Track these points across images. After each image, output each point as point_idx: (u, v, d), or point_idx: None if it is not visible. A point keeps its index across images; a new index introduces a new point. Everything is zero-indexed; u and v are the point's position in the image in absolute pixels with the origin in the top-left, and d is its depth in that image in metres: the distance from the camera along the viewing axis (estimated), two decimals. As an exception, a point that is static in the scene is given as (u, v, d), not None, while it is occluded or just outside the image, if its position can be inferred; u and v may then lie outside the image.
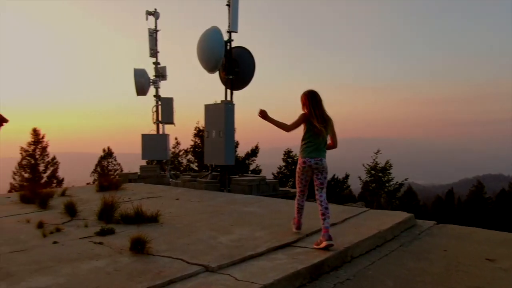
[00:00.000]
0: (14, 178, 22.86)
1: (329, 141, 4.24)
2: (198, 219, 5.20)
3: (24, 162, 23.75)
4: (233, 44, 9.60)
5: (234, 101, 9.62)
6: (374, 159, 21.84)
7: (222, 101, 9.62)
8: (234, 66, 9.59)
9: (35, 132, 25.11)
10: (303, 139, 4.14)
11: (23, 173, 23.39)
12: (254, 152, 22.08)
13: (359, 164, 22.93)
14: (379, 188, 21.88)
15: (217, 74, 9.95)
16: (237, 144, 21.35)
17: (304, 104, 4.14)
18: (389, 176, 21.84)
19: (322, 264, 3.55)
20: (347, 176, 22.46)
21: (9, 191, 17.28)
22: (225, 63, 9.50)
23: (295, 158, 23.69)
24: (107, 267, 3.30)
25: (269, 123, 4.18)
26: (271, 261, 3.53)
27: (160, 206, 5.73)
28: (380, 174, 21.75)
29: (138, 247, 3.69)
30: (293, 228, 4.48)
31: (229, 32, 9.49)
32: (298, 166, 4.20)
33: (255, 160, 22.03)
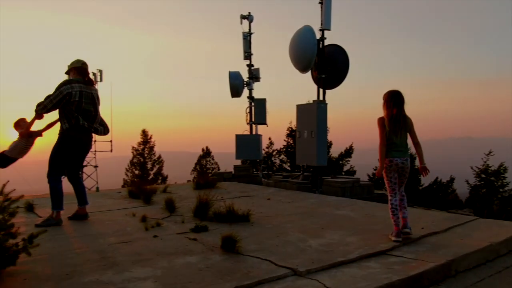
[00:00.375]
0: (126, 175, 25.47)
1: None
2: (288, 220, 5.17)
3: (135, 160, 26.31)
4: (326, 42, 9.40)
5: (327, 100, 9.42)
6: (484, 161, 19.59)
7: (314, 100, 9.47)
8: (327, 65, 9.38)
9: (144, 133, 27.67)
10: (384, 139, 4.16)
11: (134, 170, 25.92)
12: (348, 152, 21.45)
13: (466, 167, 20.79)
14: (491, 194, 19.55)
15: (309, 73, 9.85)
16: (330, 144, 20.94)
17: (383, 104, 4.22)
18: (504, 181, 19.38)
19: (421, 277, 3.24)
20: (452, 179, 20.54)
21: (122, 186, 19.26)
22: (317, 62, 9.35)
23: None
24: (199, 263, 3.43)
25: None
26: (362, 270, 3.33)
27: (252, 206, 5.83)
28: (492, 178, 19.42)
29: (229, 245, 3.78)
30: (392, 237, 4.10)
31: (322, 30, 9.30)
32: (381, 166, 4.20)
33: (349, 161, 21.38)
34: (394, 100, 4.13)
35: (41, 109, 4.90)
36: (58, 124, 5.08)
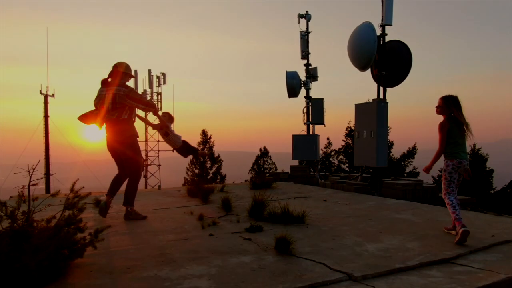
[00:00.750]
0: (187, 173, 26.40)
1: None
2: (344, 223, 5.03)
3: (195, 159, 27.15)
4: (387, 38, 9.05)
5: (388, 98, 9.06)
6: None
7: (374, 99, 9.16)
8: (388, 62, 9.02)
9: (204, 133, 28.48)
10: (449, 142, 4.32)
11: (194, 169, 26.79)
12: (411, 153, 20.46)
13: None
14: None
15: (369, 71, 9.53)
16: (391, 145, 20.12)
17: (442, 108, 4.40)
18: None
19: (490, 289, 2.99)
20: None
21: (183, 185, 19.98)
22: (377, 59, 9.02)
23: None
24: (253, 263, 3.45)
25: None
26: (423, 278, 3.14)
27: (307, 207, 5.76)
28: None
29: (282, 246, 3.75)
30: (452, 232, 4.29)
31: (383, 26, 8.97)
32: (448, 167, 4.34)
33: (411, 161, 20.39)
34: (456, 104, 4.33)
35: (153, 108, 5.54)
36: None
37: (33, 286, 2.86)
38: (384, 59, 8.98)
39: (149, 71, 22.92)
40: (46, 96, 26.41)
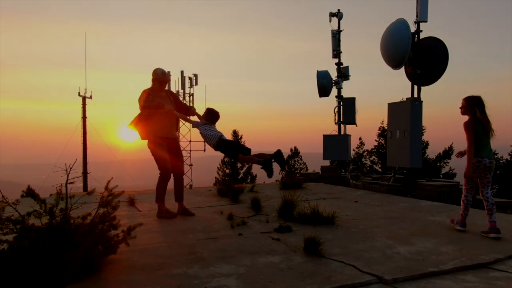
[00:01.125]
0: (218, 173, 26.67)
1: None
2: (376, 225, 4.93)
3: (226, 159, 27.40)
4: (422, 35, 8.80)
5: (422, 97, 8.81)
6: None
7: (407, 98, 8.93)
8: (423, 60, 8.76)
9: (235, 133, 28.66)
10: (474, 141, 4.43)
11: (225, 169, 27.04)
12: (447, 153, 19.78)
13: None
14: None
15: (402, 69, 9.30)
16: (425, 145, 19.52)
17: (465, 108, 4.55)
18: None
19: (530, 297, 2.85)
20: None
21: (214, 184, 20.20)
22: (411, 57, 8.79)
23: (500, 161, 20.08)
24: (281, 264, 3.44)
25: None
26: (457, 283, 3.03)
27: (337, 208, 5.69)
28: None
29: (311, 247, 3.73)
30: (457, 226, 4.63)
31: (417, 22, 8.73)
32: (470, 165, 4.45)
33: (448, 162, 19.70)
34: (479, 103, 4.49)
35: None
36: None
37: (69, 280, 2.98)
38: (419, 56, 8.74)
39: (182, 72, 23.34)
40: (84, 98, 27.47)
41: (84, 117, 27.32)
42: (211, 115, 5.88)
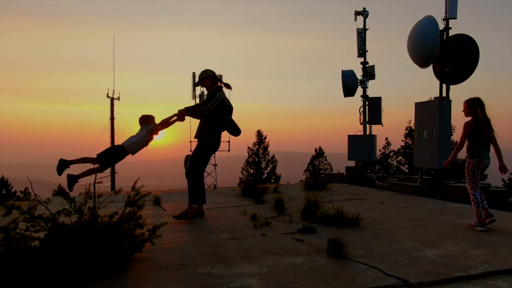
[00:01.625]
0: (242, 173, 26.79)
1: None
2: (402, 227, 4.83)
3: (250, 159, 27.51)
4: (451, 32, 8.56)
5: (451, 96, 8.57)
6: None
7: (436, 97, 8.71)
8: (452, 58, 8.52)
9: (259, 134, 28.74)
10: (473, 141, 4.75)
11: (249, 169, 27.13)
12: (478, 154, 19.15)
13: None
14: None
15: (430, 68, 9.08)
16: (455, 145, 18.98)
17: (467, 110, 4.82)
18: None
19: None
20: None
21: (238, 185, 20.30)
22: (440, 55, 8.56)
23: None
24: (304, 265, 3.43)
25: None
26: (487, 288, 2.94)
27: (362, 209, 5.61)
28: None
29: (335, 249, 3.69)
30: (477, 228, 4.65)
31: (446, 19, 8.50)
32: (470, 164, 4.78)
33: (479, 163, 19.06)
34: (478, 103, 4.74)
35: (202, 110, 5.11)
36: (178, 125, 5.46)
37: (97, 277, 3.06)
38: (448, 54, 8.50)
39: (206, 73, 23.59)
40: (112, 99, 28.17)
41: (112, 118, 28.02)
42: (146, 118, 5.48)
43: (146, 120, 5.44)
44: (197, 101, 21.17)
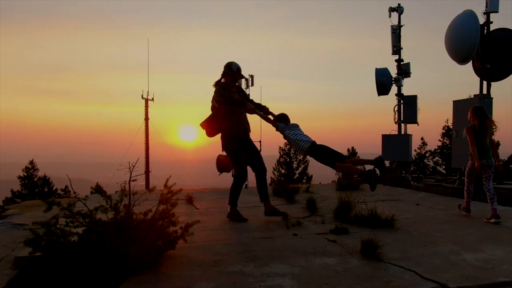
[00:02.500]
0: (273, 173, 26.75)
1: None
2: (439, 229, 4.66)
3: (282, 159, 27.43)
4: (493, 27, 8.19)
5: (492, 94, 8.20)
6: None
7: (475, 95, 8.36)
8: (493, 53, 8.16)
9: (290, 134, 28.60)
10: (473, 145, 5.37)
11: (280, 169, 27.06)
12: (522, 154, 18.22)
13: None
14: None
15: (470, 64, 8.73)
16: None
17: (471, 117, 5.49)
18: None
19: None
20: None
21: (269, 184, 20.30)
22: (480, 51, 8.22)
23: None
24: (337, 266, 3.37)
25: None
26: (533, 295, 2.78)
27: (397, 210, 5.46)
28: None
29: (369, 250, 3.61)
30: (463, 212, 5.59)
31: (487, 13, 8.14)
32: (470, 165, 5.54)
33: (523, 164, 18.14)
34: (479, 112, 5.38)
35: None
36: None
37: (131, 273, 3.14)
38: (489, 50, 8.15)
39: (238, 73, 23.73)
40: (146, 101, 28.88)
41: (146, 119, 28.72)
42: (286, 117, 5.45)
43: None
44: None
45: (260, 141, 20.14)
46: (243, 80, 22.88)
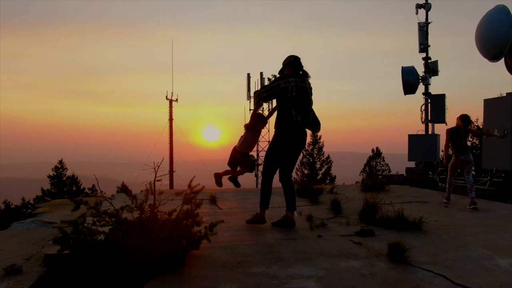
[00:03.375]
0: (296, 174, 26.61)
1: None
2: (470, 233, 4.50)
3: (304, 160, 27.25)
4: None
5: (525, 92, 7.88)
6: None
7: (508, 93, 8.06)
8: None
9: (314, 134, 28.38)
10: (452, 145, 6.54)
11: (303, 169, 26.89)
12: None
13: None
14: None
15: (502, 61, 8.42)
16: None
17: (458, 122, 6.57)
18: None
19: None
20: None
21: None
22: (512, 47, 7.91)
23: None
24: (363, 269, 3.29)
25: None
26: None
27: (424, 213, 5.30)
28: None
29: (396, 254, 3.51)
30: (443, 200, 6.67)
31: (519, 8, 7.83)
32: (452, 161, 6.61)
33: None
34: (464, 120, 6.46)
35: (255, 97, 4.86)
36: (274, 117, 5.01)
37: (156, 271, 3.16)
38: (521, 46, 7.83)
39: (261, 74, 23.69)
40: (171, 101, 29.29)
41: (170, 119, 29.12)
42: (261, 122, 5.34)
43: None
44: (251, 101, 21.33)
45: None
46: (266, 81, 22.81)
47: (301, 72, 4.80)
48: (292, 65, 4.78)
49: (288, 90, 4.59)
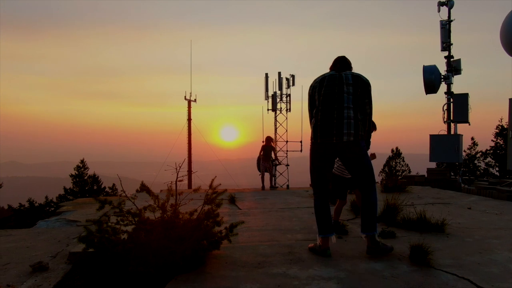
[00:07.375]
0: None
1: None
2: (495, 235, 4.40)
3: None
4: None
5: (552, 91, 7.64)
6: None
7: (533, 92, 7.82)
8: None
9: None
10: None
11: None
12: None
13: None
14: None
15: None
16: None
17: None
18: None
19: None
20: None
21: (311, 185, 20.08)
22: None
23: None
24: (384, 271, 3.26)
25: None
26: None
27: (447, 214, 5.22)
28: None
29: (418, 256, 3.46)
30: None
31: (545, 5, 7.60)
32: None
33: None
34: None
35: (373, 130, 4.22)
36: None
37: (178, 271, 3.20)
38: (548, 44, 7.59)
39: (279, 73, 23.64)
40: (189, 101, 29.53)
41: (189, 119, 29.37)
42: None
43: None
44: (270, 102, 21.30)
45: (301, 141, 20.03)
46: (284, 80, 22.76)
47: (338, 66, 3.87)
48: (332, 64, 3.96)
49: (313, 90, 3.90)
